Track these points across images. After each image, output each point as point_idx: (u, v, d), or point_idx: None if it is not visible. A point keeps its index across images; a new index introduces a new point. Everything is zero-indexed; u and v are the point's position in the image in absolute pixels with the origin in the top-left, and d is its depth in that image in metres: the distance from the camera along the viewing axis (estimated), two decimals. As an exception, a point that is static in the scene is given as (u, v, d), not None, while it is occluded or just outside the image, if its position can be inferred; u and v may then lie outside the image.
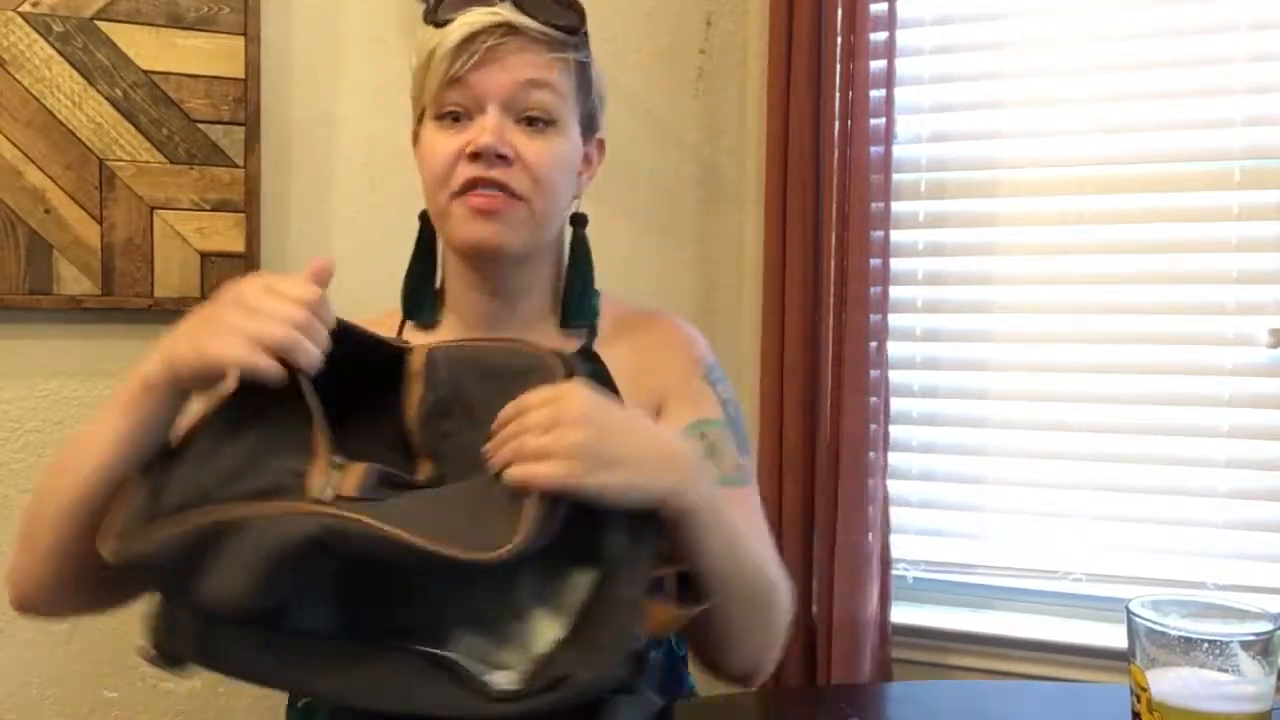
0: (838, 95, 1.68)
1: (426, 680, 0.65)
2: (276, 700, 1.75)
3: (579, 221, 1.03)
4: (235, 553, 0.63)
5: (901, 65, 1.69)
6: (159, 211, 1.54)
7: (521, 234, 0.93)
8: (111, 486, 0.75)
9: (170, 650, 0.67)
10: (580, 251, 1.03)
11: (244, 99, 1.56)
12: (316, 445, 0.70)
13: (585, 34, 0.96)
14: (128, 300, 1.53)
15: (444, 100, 0.92)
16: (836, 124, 1.68)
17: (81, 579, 0.80)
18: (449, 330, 1.02)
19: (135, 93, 1.51)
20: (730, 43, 1.90)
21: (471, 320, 1.01)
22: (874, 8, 1.67)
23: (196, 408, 0.77)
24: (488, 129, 0.90)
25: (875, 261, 1.67)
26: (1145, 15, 1.64)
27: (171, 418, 0.77)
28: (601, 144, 1.03)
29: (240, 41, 1.56)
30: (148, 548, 0.66)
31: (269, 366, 0.70)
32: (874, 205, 1.66)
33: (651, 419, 0.97)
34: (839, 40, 1.68)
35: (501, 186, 0.90)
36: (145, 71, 1.52)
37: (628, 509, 0.71)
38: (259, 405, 0.72)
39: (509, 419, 0.72)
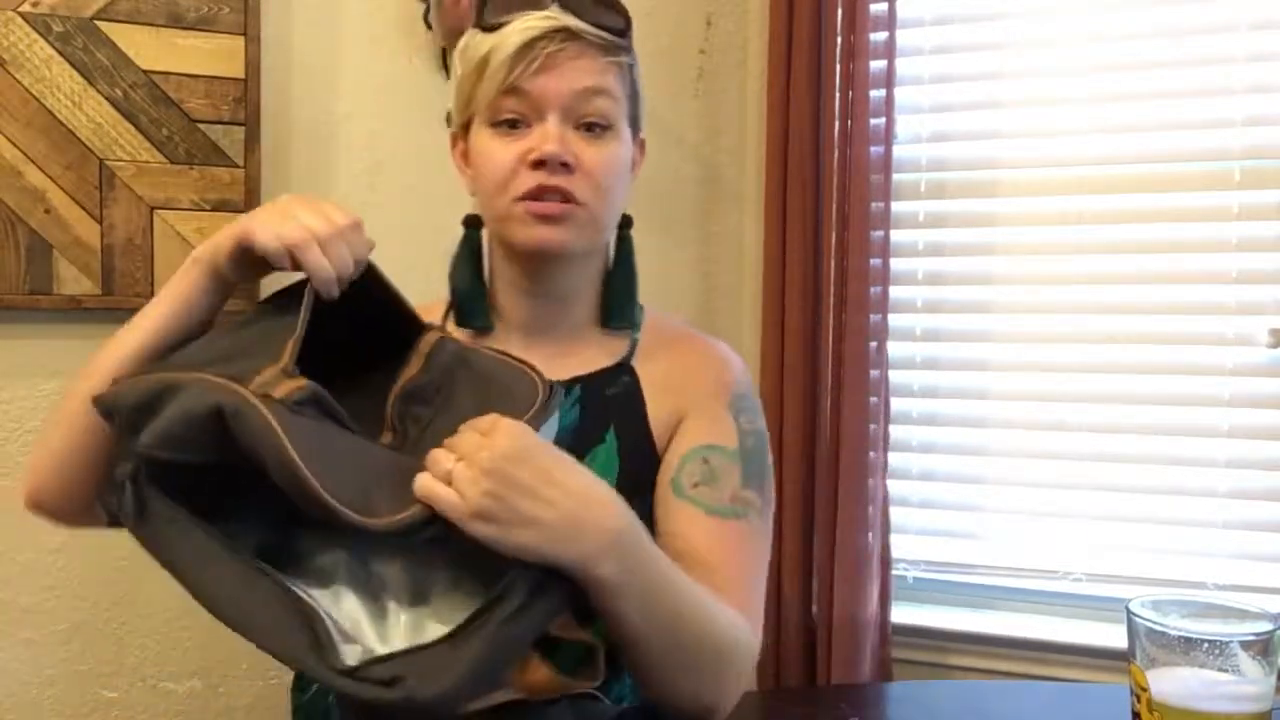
0: (838, 95, 1.68)
1: (285, 624, 0.65)
2: (277, 700, 1.76)
3: (623, 223, 1.02)
4: (166, 406, 0.68)
5: (901, 65, 1.69)
6: (159, 211, 1.54)
7: (583, 238, 0.94)
8: (141, 365, 0.80)
9: (108, 503, 0.70)
10: (625, 253, 1.03)
11: (244, 99, 1.56)
12: (283, 351, 0.73)
13: (631, 35, 0.96)
14: (128, 300, 1.52)
15: (501, 107, 0.91)
16: (836, 124, 1.68)
17: (97, 472, 0.82)
18: (502, 336, 1.01)
19: (135, 93, 1.51)
20: (730, 43, 1.90)
21: (520, 323, 1.00)
22: (874, 8, 1.67)
23: None
24: (551, 137, 0.89)
25: (875, 261, 1.67)
26: (1145, 15, 1.64)
27: (209, 304, 0.83)
28: (643, 144, 1.03)
29: (240, 41, 1.56)
30: (120, 393, 0.71)
31: (275, 249, 0.76)
32: (874, 205, 1.66)
33: (671, 432, 0.97)
34: (839, 40, 1.68)
35: (565, 194, 0.91)
36: (145, 71, 1.52)
37: None
38: (272, 315, 0.78)
39: (464, 430, 0.72)
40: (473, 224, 1.02)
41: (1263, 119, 1.58)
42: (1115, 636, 1.58)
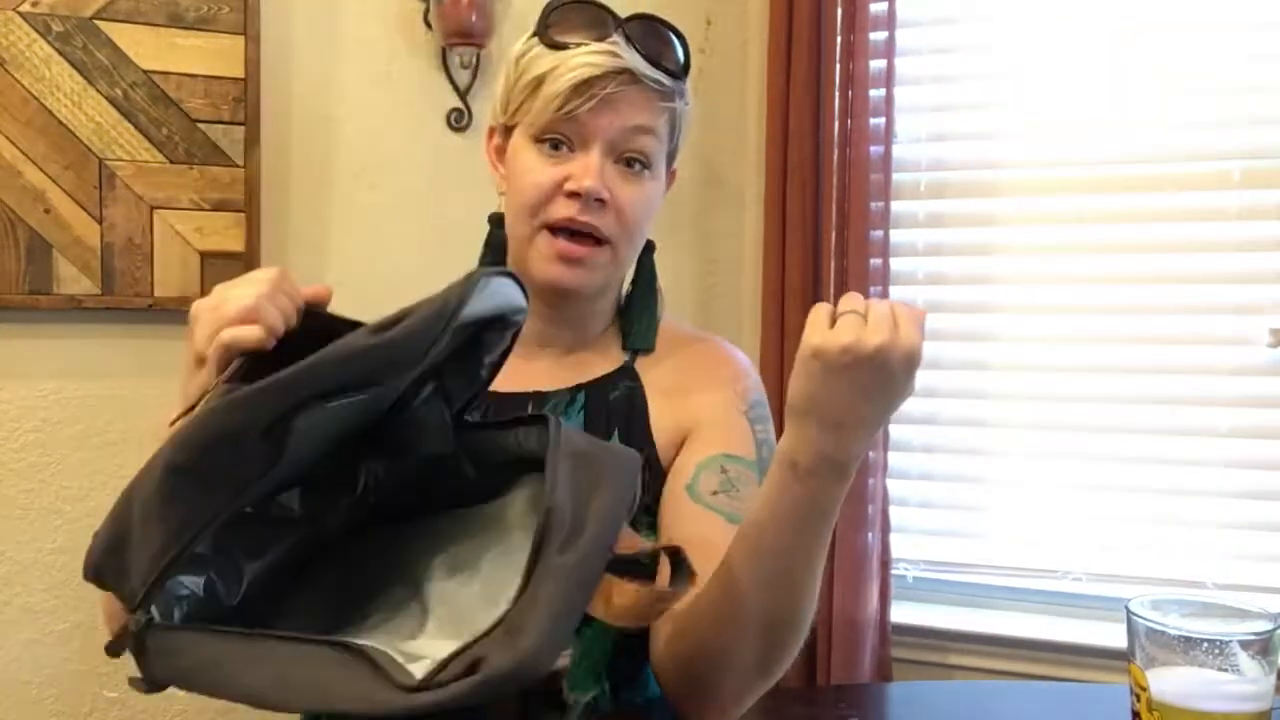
0: (838, 95, 1.68)
1: (341, 671, 0.59)
2: (276, 700, 1.74)
3: (646, 248, 1.02)
4: (134, 522, 0.61)
5: (901, 65, 1.69)
6: (159, 211, 1.54)
7: (600, 277, 0.94)
8: None
9: (144, 671, 0.62)
10: (647, 278, 1.03)
11: (244, 99, 1.56)
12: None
13: (688, 74, 0.95)
14: (128, 300, 1.53)
15: (549, 128, 0.91)
16: (836, 124, 1.68)
17: None
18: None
19: (135, 92, 1.51)
20: (730, 43, 1.90)
21: (529, 336, 1.00)
22: (874, 8, 1.67)
23: None
24: (591, 171, 0.89)
25: (875, 261, 1.67)
26: (1145, 15, 1.64)
27: None
28: (674, 174, 1.02)
29: (240, 41, 1.56)
30: (90, 551, 0.64)
31: (220, 358, 0.70)
32: (874, 205, 1.66)
33: (676, 444, 0.96)
34: (839, 40, 1.68)
35: (593, 231, 0.91)
36: (145, 71, 1.52)
37: (574, 451, 0.64)
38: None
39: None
40: (498, 222, 1.01)
41: (1263, 119, 1.58)
42: (1115, 636, 1.58)
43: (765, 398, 1.01)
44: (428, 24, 1.70)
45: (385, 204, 1.70)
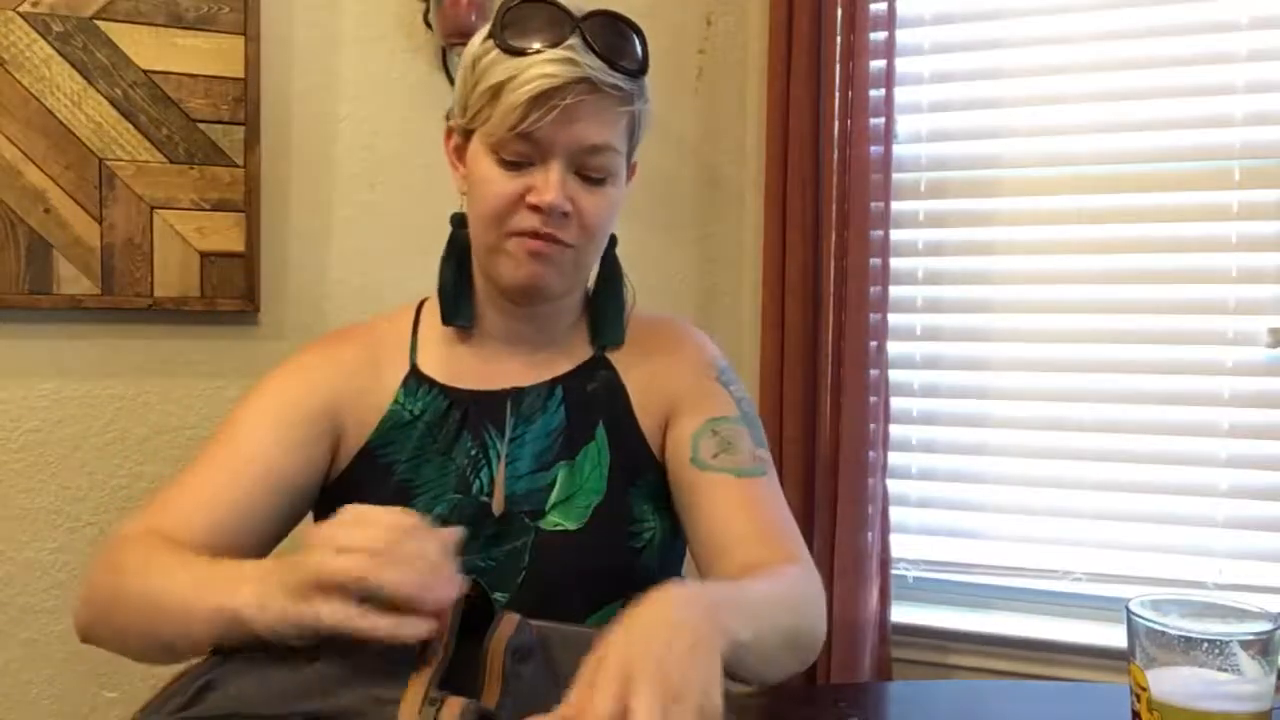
0: (838, 94, 1.68)
1: None
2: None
3: (609, 243, 1.02)
4: None
5: (901, 64, 1.69)
6: (159, 211, 1.54)
7: (566, 279, 0.96)
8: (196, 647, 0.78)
9: None
10: (611, 274, 1.04)
11: (244, 98, 1.56)
12: (416, 675, 0.63)
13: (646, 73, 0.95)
14: (128, 300, 1.52)
15: (508, 146, 0.91)
16: (836, 123, 1.68)
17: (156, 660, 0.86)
18: (478, 338, 1.02)
19: (135, 92, 1.51)
20: (730, 43, 1.90)
21: (497, 336, 1.02)
22: (874, 7, 1.67)
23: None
24: (552, 185, 0.90)
25: (875, 261, 1.67)
26: (1145, 13, 1.64)
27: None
28: (634, 167, 1.03)
29: (240, 41, 1.56)
30: None
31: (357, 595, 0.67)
32: (874, 205, 1.66)
33: (661, 424, 1.00)
34: (839, 40, 1.68)
35: (555, 238, 0.92)
36: (145, 71, 1.52)
37: None
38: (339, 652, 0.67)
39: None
40: (461, 223, 1.03)
41: (1263, 117, 1.58)
42: (1115, 636, 1.59)
43: (728, 362, 1.07)
44: (428, 24, 1.70)
45: (385, 204, 1.70)
